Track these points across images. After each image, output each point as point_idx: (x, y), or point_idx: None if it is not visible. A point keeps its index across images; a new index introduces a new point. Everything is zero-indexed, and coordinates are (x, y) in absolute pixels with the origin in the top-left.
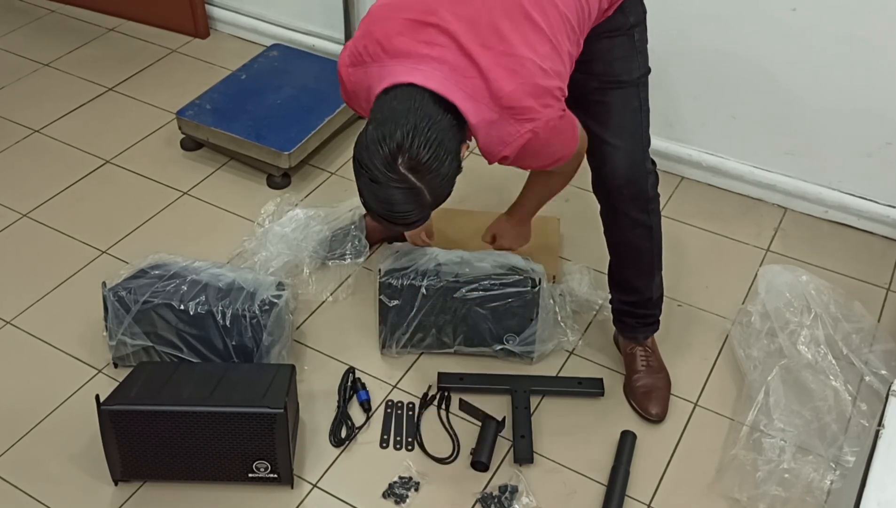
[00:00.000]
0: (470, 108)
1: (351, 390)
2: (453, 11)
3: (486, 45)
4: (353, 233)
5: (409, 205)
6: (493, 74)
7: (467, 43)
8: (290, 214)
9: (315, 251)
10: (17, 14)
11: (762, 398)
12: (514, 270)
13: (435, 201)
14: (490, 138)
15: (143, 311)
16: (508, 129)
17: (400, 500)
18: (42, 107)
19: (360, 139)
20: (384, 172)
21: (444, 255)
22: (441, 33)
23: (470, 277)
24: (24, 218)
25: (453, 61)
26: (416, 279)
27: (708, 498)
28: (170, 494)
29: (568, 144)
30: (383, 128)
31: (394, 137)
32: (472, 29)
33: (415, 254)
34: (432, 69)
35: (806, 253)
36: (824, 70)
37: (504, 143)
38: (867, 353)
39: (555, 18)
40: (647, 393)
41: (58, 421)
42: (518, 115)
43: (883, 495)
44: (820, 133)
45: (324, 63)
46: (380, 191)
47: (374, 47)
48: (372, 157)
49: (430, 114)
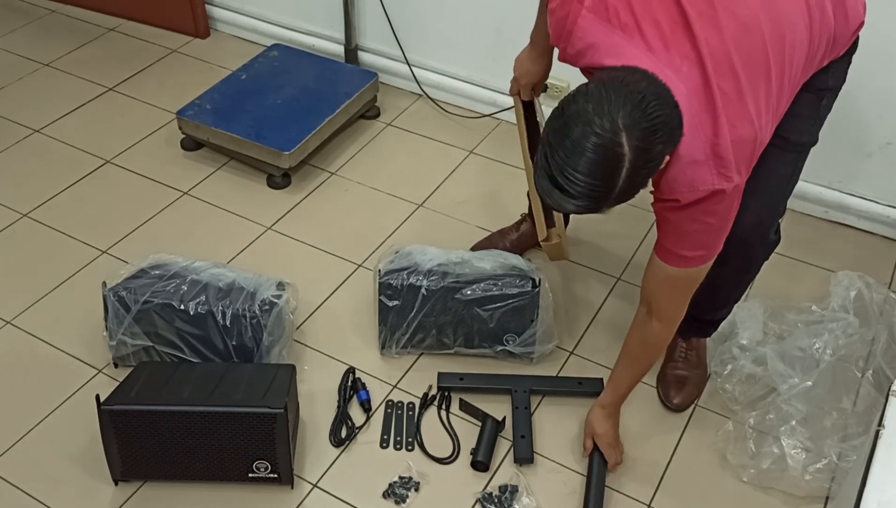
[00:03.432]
0: (688, 135)
1: (351, 390)
2: (708, 33)
3: (723, 86)
4: None
5: (592, 173)
6: (723, 117)
7: (711, 72)
8: None
9: None
10: (17, 14)
11: (770, 398)
12: (514, 270)
13: (620, 191)
14: (682, 175)
15: (143, 311)
16: (706, 176)
17: (400, 500)
18: (42, 107)
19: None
20: (594, 110)
21: (444, 255)
22: (693, 49)
23: (470, 277)
24: (24, 218)
25: (695, 83)
26: (417, 280)
27: (708, 498)
28: (170, 494)
29: (711, 246)
30: (628, 79)
31: (626, 84)
32: (716, 60)
33: (415, 254)
34: (680, 80)
35: (806, 253)
36: None
37: (693, 188)
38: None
39: (784, 86)
40: (675, 382)
41: (58, 421)
42: (723, 168)
43: (883, 495)
44: (820, 133)
45: (324, 63)
46: (571, 140)
47: (627, 17)
48: (590, 94)
49: (673, 105)
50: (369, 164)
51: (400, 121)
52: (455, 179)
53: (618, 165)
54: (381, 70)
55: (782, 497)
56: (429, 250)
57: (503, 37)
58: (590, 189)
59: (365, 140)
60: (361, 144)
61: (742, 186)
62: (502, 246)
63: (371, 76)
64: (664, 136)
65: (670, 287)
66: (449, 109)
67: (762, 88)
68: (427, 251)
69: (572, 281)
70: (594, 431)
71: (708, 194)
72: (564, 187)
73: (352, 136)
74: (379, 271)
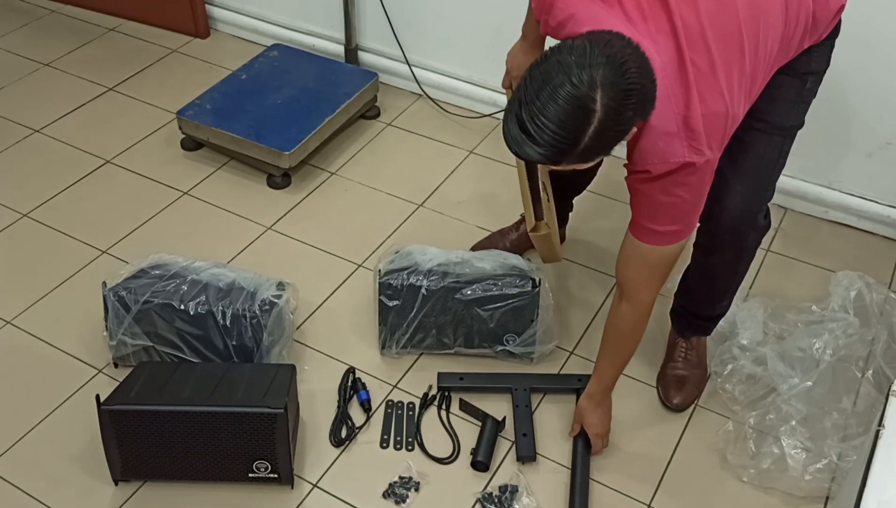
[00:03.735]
0: (660, 107)
1: (351, 390)
2: (683, 9)
3: (696, 60)
4: None
5: (561, 123)
6: (694, 90)
7: (685, 46)
8: None
9: None
10: (17, 14)
11: (770, 398)
12: (514, 270)
13: (584, 148)
14: (654, 146)
15: (143, 311)
16: (676, 148)
17: (400, 500)
18: (42, 107)
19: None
20: (575, 63)
21: (444, 255)
22: (669, 22)
23: (470, 277)
24: (24, 218)
25: (669, 56)
26: (417, 280)
27: (708, 498)
28: (170, 494)
29: (684, 224)
30: (614, 42)
31: (612, 45)
32: (690, 35)
33: (415, 254)
34: (656, 51)
35: (806, 253)
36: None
37: (664, 160)
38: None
39: (759, 66)
40: (675, 382)
41: (58, 421)
42: (693, 141)
43: (883, 495)
44: (820, 133)
45: (324, 63)
46: (549, 87)
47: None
48: (574, 48)
49: (652, 79)
50: (369, 164)
51: (400, 121)
52: (455, 179)
53: (587, 119)
54: (381, 70)
55: (782, 497)
56: (429, 250)
57: (503, 37)
58: (556, 139)
59: (365, 140)
60: (361, 144)
61: (714, 163)
62: (502, 246)
63: (371, 76)
64: (637, 103)
65: (642, 265)
66: (449, 109)
67: (735, 65)
68: (427, 251)
69: (572, 281)
70: (584, 420)
71: (678, 167)
72: (532, 134)
73: (352, 136)
74: (379, 270)
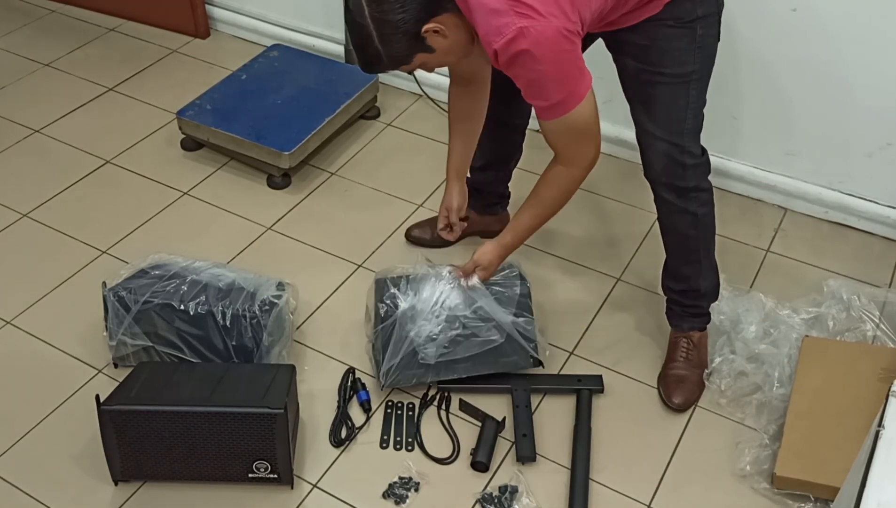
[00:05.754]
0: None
1: (351, 390)
2: None
3: None
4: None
5: (355, 44)
6: None
7: None
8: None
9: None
10: (17, 14)
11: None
12: (522, 338)
13: (388, 56)
14: (488, 26)
15: (143, 311)
16: (506, 19)
17: (400, 500)
18: (42, 107)
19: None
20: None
21: (434, 320)
22: None
23: (465, 355)
24: (24, 218)
25: None
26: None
27: (708, 498)
28: (170, 494)
29: (568, 89)
30: None
31: None
32: None
33: (405, 321)
34: None
35: (806, 254)
36: (824, 70)
37: (499, 33)
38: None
39: None
40: (676, 382)
41: (58, 421)
42: (518, 7)
43: (883, 495)
44: (820, 133)
45: (324, 63)
46: (347, 22)
47: None
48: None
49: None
50: (369, 164)
51: (400, 121)
52: None
53: (367, 33)
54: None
55: (782, 496)
56: (419, 305)
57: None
58: (361, 56)
59: (365, 140)
60: (361, 144)
61: (565, 30)
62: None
63: (371, 76)
64: (399, 5)
65: (560, 136)
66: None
67: None
68: (416, 309)
69: (573, 281)
70: (480, 261)
71: (515, 34)
72: (353, 57)
73: (352, 136)
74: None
